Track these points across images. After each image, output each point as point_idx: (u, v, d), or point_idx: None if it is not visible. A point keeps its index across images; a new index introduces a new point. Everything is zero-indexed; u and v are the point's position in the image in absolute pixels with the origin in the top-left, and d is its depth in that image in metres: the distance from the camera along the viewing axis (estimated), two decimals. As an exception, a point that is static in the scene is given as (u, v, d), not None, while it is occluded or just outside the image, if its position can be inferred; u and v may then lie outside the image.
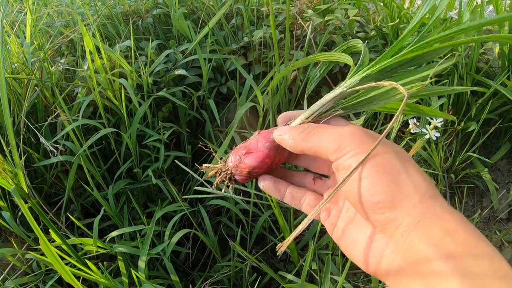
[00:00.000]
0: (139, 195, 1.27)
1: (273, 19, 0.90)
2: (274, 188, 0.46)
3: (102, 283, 0.85)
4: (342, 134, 0.37)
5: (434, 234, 0.30)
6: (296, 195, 0.45)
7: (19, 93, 1.20)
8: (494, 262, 0.28)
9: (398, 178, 0.33)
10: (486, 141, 1.41)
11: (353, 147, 0.35)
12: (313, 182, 0.46)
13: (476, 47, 1.27)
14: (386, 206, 0.32)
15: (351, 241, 0.38)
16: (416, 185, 0.33)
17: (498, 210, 1.29)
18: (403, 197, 0.32)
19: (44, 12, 1.62)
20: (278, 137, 0.43)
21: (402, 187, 0.33)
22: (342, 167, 0.36)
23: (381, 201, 0.33)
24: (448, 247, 0.29)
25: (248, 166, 0.44)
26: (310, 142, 0.39)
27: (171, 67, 1.36)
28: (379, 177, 0.33)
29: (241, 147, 0.45)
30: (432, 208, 0.31)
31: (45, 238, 0.62)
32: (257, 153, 0.44)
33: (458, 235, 0.29)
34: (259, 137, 0.45)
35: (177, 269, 1.15)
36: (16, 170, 0.75)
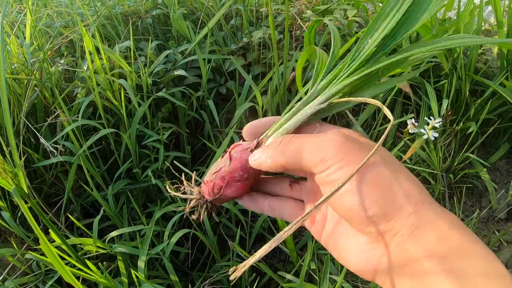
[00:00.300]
0: (138, 195, 1.28)
1: (272, 19, 0.90)
2: (252, 204, 0.44)
3: (101, 283, 0.86)
4: (324, 143, 0.34)
5: (428, 242, 0.30)
6: (275, 206, 0.43)
7: (18, 93, 1.21)
8: (488, 263, 0.28)
9: (390, 190, 0.32)
10: (485, 141, 1.42)
11: (337, 159, 0.33)
12: (290, 188, 0.44)
13: (475, 48, 1.28)
14: (380, 219, 0.32)
15: (343, 249, 0.36)
16: (409, 194, 0.32)
17: (497, 210, 1.30)
18: (397, 209, 0.31)
19: (44, 12, 1.63)
20: (254, 162, 0.40)
21: (395, 198, 0.32)
22: (326, 182, 0.34)
23: (375, 215, 0.32)
24: (443, 253, 0.29)
25: (228, 198, 0.43)
26: (290, 157, 0.36)
27: (171, 68, 1.36)
28: (371, 191, 0.32)
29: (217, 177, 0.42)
30: (426, 216, 0.31)
31: (45, 238, 0.63)
32: (236, 185, 0.42)
33: (452, 240, 0.30)
34: (235, 165, 0.42)
35: (176, 269, 1.15)
36: (16, 171, 0.76)
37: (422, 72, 1.36)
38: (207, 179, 0.43)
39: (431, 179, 1.25)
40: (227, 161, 0.42)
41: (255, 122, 0.43)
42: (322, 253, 1.07)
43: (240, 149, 0.42)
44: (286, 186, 0.44)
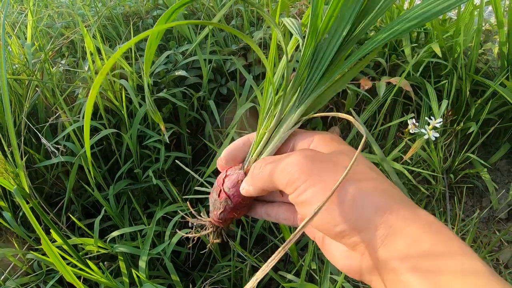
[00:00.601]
0: (139, 195, 1.28)
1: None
2: (251, 213, 0.47)
3: (103, 283, 0.86)
4: (288, 167, 0.36)
5: (399, 249, 0.30)
6: (271, 212, 0.46)
7: (20, 94, 1.21)
8: (464, 260, 0.29)
9: (355, 204, 0.33)
10: (486, 141, 1.42)
11: (301, 181, 0.35)
12: (280, 194, 0.46)
13: (475, 48, 1.28)
14: (350, 234, 0.33)
15: (331, 254, 0.38)
16: (375, 205, 0.33)
17: (497, 210, 1.30)
18: (365, 222, 0.32)
19: (45, 13, 1.63)
20: (243, 191, 0.43)
21: (361, 212, 0.33)
22: (298, 202, 0.36)
23: (343, 230, 0.33)
24: (414, 257, 0.30)
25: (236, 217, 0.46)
26: (265, 181, 0.39)
27: (171, 68, 1.36)
28: (335, 208, 0.33)
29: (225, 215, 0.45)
30: (394, 225, 0.31)
31: (47, 238, 0.63)
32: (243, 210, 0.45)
33: (424, 244, 0.30)
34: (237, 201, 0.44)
35: (177, 269, 1.15)
36: (17, 171, 0.76)
37: (423, 72, 1.36)
38: (217, 217, 0.46)
39: (431, 179, 1.25)
40: (228, 201, 0.44)
41: (231, 149, 0.45)
42: (322, 253, 1.07)
43: (233, 184, 0.44)
44: (277, 193, 0.46)
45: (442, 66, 1.35)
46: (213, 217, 0.46)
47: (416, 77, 1.34)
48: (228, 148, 0.45)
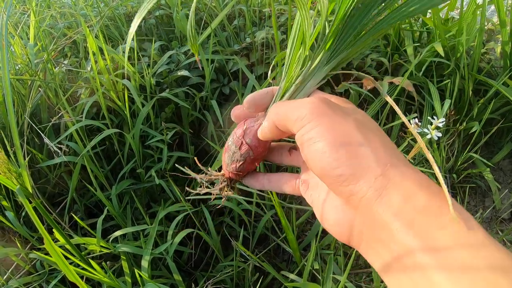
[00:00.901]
0: (142, 195, 1.28)
1: (275, 20, 0.90)
2: (254, 181, 0.47)
3: (105, 282, 0.86)
4: (302, 104, 0.36)
5: (394, 204, 0.30)
6: (273, 179, 0.46)
7: (22, 94, 1.21)
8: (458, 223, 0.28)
9: (358, 150, 0.33)
10: (488, 141, 1.41)
11: (310, 118, 0.35)
12: (289, 154, 0.47)
13: (477, 47, 1.28)
14: (348, 179, 0.32)
15: (322, 212, 0.38)
16: (378, 156, 0.33)
17: (500, 210, 1.29)
18: (365, 170, 0.32)
19: (47, 13, 1.63)
20: (261, 132, 0.43)
21: (362, 159, 0.33)
22: (302, 141, 0.35)
23: (342, 174, 0.33)
24: (408, 215, 0.29)
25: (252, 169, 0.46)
26: (279, 116, 0.39)
27: (174, 68, 1.36)
28: (338, 150, 0.33)
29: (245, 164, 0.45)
30: (393, 178, 0.31)
31: (50, 238, 0.63)
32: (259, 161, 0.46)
33: (418, 201, 0.30)
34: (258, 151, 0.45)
35: (180, 268, 1.15)
36: (20, 171, 0.76)
37: (425, 72, 1.36)
38: (232, 169, 0.46)
39: (434, 179, 1.24)
40: (250, 152, 0.44)
41: (254, 94, 0.44)
42: (325, 253, 1.07)
43: (254, 135, 0.44)
44: (286, 154, 0.47)
45: (445, 66, 1.35)
46: (232, 170, 0.46)
47: (418, 76, 1.34)
48: (251, 94, 0.44)
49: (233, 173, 0.46)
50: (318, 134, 0.34)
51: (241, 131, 0.45)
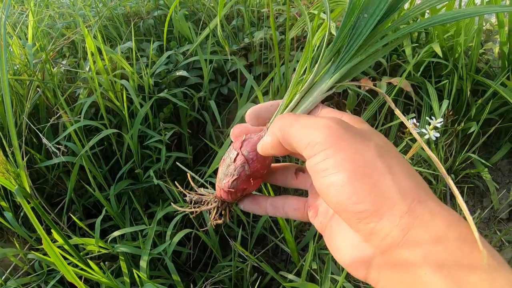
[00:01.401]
0: (140, 195, 1.28)
1: (274, 20, 0.91)
2: (254, 205, 0.43)
3: (104, 283, 0.86)
4: (316, 127, 0.32)
5: (423, 245, 0.27)
6: (278, 204, 0.42)
7: (21, 94, 1.21)
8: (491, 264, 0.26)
9: (382, 183, 0.29)
10: (487, 141, 1.42)
11: (326, 145, 0.31)
12: (295, 177, 0.43)
13: (476, 47, 1.28)
14: (370, 216, 0.29)
15: (338, 245, 0.34)
16: (403, 189, 0.29)
17: (498, 210, 1.30)
18: (389, 206, 0.29)
19: (46, 14, 1.63)
20: (261, 146, 0.39)
21: (387, 193, 0.29)
22: (316, 171, 0.31)
23: (364, 211, 0.29)
24: (439, 257, 0.26)
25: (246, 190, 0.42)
26: (284, 134, 0.34)
27: (172, 68, 1.36)
28: (360, 183, 0.29)
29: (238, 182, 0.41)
30: (420, 217, 0.28)
31: (48, 238, 0.63)
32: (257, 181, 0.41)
33: (450, 243, 0.27)
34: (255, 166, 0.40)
35: (178, 269, 1.15)
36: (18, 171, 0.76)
37: (423, 72, 1.36)
38: (227, 187, 0.41)
39: (432, 179, 1.25)
40: (245, 166, 0.40)
41: (257, 107, 0.41)
42: (323, 253, 1.07)
43: (252, 148, 0.40)
44: (292, 176, 0.43)
45: (443, 66, 1.35)
46: (223, 187, 0.41)
47: (416, 77, 1.34)
48: (254, 107, 0.41)
49: (224, 192, 0.41)
50: (335, 165, 0.30)
51: (239, 143, 0.41)
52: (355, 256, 0.32)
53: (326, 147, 0.31)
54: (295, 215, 0.41)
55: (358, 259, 0.31)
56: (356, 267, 0.32)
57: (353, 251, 0.32)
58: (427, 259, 0.27)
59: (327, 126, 0.32)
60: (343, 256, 0.33)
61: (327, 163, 0.30)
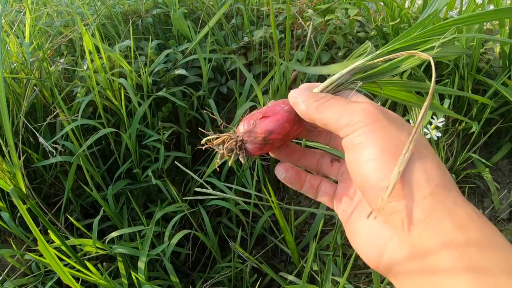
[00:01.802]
0: (138, 195, 1.27)
1: (274, 18, 0.90)
2: (296, 176, 0.43)
3: (101, 284, 0.85)
4: (355, 109, 0.33)
5: (444, 231, 0.27)
6: (315, 183, 0.43)
7: (18, 93, 1.20)
8: (510, 259, 0.26)
9: (410, 165, 0.30)
10: (487, 141, 1.41)
11: (364, 123, 0.32)
12: (330, 164, 0.43)
13: (477, 47, 1.27)
14: (393, 194, 0.29)
15: (354, 231, 0.35)
16: (429, 174, 0.30)
17: (499, 210, 1.29)
18: (413, 186, 0.29)
19: (43, 11, 1.62)
20: (293, 98, 0.39)
21: (413, 174, 0.29)
22: (350, 145, 0.32)
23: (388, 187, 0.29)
24: (460, 245, 0.26)
25: (265, 130, 0.39)
26: (322, 113, 0.35)
27: (171, 67, 1.35)
28: (389, 159, 0.30)
29: (255, 113, 0.40)
30: (444, 202, 0.28)
31: (43, 239, 0.62)
32: (275, 116, 0.39)
33: (471, 232, 0.27)
34: (276, 103, 0.40)
35: (177, 270, 1.14)
36: (14, 171, 0.75)
37: (424, 72, 1.35)
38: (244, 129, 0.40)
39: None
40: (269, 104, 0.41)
41: (309, 84, 0.42)
42: (324, 254, 1.07)
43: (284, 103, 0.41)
44: (328, 162, 0.44)
45: (444, 65, 1.34)
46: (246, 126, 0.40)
47: (418, 76, 1.33)
48: (307, 83, 0.41)
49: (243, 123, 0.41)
50: (369, 140, 0.31)
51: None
52: (371, 237, 0.32)
53: (364, 125, 0.32)
54: (323, 199, 0.42)
55: (374, 241, 0.32)
56: (371, 250, 0.32)
57: (370, 233, 0.32)
58: (448, 246, 0.26)
59: (366, 108, 0.33)
60: (359, 238, 0.34)
61: (362, 138, 0.32)
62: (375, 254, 0.32)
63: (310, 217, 1.31)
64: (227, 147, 0.41)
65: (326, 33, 1.29)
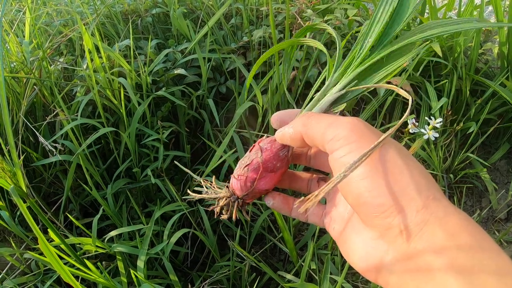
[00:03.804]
0: (138, 194, 1.27)
1: (273, 18, 0.90)
2: (283, 204, 0.44)
3: (101, 282, 0.85)
4: (341, 123, 0.34)
5: (436, 239, 0.28)
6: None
7: (18, 92, 1.20)
8: (499, 261, 0.27)
9: (401, 179, 0.30)
10: (485, 141, 1.42)
11: (349, 140, 0.32)
12: (318, 185, 0.44)
13: (475, 48, 1.28)
14: (388, 210, 0.30)
15: (349, 247, 0.35)
16: (419, 186, 0.30)
17: (497, 210, 1.30)
18: (407, 201, 0.30)
19: (43, 11, 1.62)
20: (279, 133, 0.41)
21: (405, 189, 0.30)
22: (338, 164, 0.33)
23: (382, 204, 0.30)
24: (452, 251, 0.27)
25: (263, 190, 0.42)
26: (309, 128, 0.36)
27: (170, 67, 1.35)
28: (380, 177, 0.30)
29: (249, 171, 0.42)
30: (436, 213, 0.29)
31: (44, 238, 0.62)
32: (272, 176, 0.42)
33: (462, 238, 0.28)
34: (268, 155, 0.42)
35: (176, 269, 1.15)
36: (14, 170, 0.75)
37: (422, 72, 1.36)
38: (238, 173, 0.43)
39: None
40: (258, 153, 0.42)
41: (282, 112, 0.43)
42: (322, 253, 1.07)
43: (269, 141, 0.43)
44: (314, 183, 0.45)
45: (442, 66, 1.35)
46: (235, 174, 0.43)
47: (416, 76, 1.33)
48: (278, 112, 0.43)
49: (235, 180, 0.43)
50: (354, 158, 0.31)
51: (260, 139, 0.44)
52: (367, 253, 0.33)
53: (350, 141, 0.32)
54: (313, 219, 0.43)
55: (370, 256, 0.32)
56: (368, 265, 0.33)
57: (366, 248, 0.33)
58: (441, 255, 0.27)
59: (350, 122, 0.33)
60: (354, 254, 0.34)
61: (350, 157, 0.32)
62: (373, 267, 0.32)
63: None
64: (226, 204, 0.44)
65: (325, 33, 1.29)
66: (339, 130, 0.33)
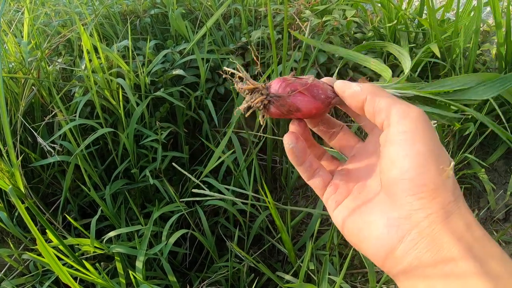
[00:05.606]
0: (136, 195, 1.27)
1: (271, 19, 0.90)
2: (302, 152, 0.42)
3: (99, 283, 0.85)
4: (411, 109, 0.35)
5: (458, 228, 0.31)
6: (314, 165, 0.43)
7: (16, 92, 1.20)
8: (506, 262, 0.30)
9: (446, 170, 0.33)
10: (483, 142, 1.42)
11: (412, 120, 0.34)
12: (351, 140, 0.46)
13: (473, 48, 1.28)
14: (427, 192, 0.32)
15: (361, 225, 0.36)
16: (454, 182, 0.34)
17: (495, 211, 1.30)
18: (445, 191, 0.32)
19: (42, 11, 1.62)
20: (341, 83, 0.41)
21: (446, 181, 0.33)
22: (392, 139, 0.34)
23: (425, 185, 0.32)
24: (469, 241, 0.31)
25: (294, 106, 0.40)
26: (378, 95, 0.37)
27: (169, 67, 1.35)
28: (432, 160, 0.33)
29: (294, 82, 0.40)
30: (461, 207, 0.33)
31: (42, 239, 0.62)
32: (310, 99, 0.40)
33: (476, 232, 0.31)
34: (316, 85, 0.41)
35: (174, 269, 1.15)
36: (13, 170, 0.75)
37: (421, 72, 1.36)
38: (286, 77, 0.41)
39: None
40: (311, 77, 0.41)
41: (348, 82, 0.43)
42: (320, 254, 1.07)
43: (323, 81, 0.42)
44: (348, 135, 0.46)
45: (440, 67, 1.35)
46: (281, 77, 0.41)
47: (414, 77, 1.34)
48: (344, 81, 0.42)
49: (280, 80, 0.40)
50: (414, 137, 0.33)
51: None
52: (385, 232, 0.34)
53: (412, 121, 0.34)
54: (316, 181, 0.43)
55: (388, 235, 0.34)
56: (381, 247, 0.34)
57: (386, 227, 0.34)
58: (460, 241, 0.31)
59: (420, 113, 0.35)
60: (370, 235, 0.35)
61: (407, 135, 0.34)
62: (388, 247, 0.34)
63: (307, 217, 1.31)
64: (252, 98, 0.41)
65: (324, 34, 1.29)
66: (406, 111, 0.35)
